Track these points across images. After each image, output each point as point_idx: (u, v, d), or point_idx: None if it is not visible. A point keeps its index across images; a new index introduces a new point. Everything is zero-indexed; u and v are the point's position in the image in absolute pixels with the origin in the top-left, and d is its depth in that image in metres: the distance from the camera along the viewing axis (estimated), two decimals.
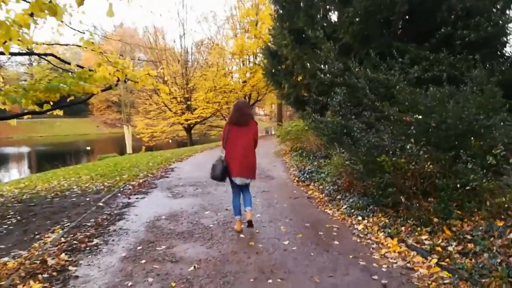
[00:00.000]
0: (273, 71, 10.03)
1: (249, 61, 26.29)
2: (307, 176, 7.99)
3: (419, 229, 4.20)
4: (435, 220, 4.18)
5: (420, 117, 4.81)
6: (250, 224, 4.76)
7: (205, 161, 11.85)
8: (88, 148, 33.89)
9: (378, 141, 5.20)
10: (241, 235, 4.57)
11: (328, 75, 7.49)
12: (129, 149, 18.02)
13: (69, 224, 5.08)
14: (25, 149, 37.31)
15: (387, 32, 7.56)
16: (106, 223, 5.12)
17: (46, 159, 24.76)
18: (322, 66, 7.96)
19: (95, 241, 4.36)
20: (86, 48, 5.82)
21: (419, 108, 4.92)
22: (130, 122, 19.82)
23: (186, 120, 23.75)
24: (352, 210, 5.34)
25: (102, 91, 6.55)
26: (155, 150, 23.58)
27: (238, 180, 4.73)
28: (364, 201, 5.43)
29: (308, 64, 8.35)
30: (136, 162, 11.61)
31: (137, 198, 6.57)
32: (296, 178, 8.27)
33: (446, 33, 6.33)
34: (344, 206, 5.57)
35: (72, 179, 8.85)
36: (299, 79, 9.50)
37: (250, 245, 4.21)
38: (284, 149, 15.15)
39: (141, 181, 8.24)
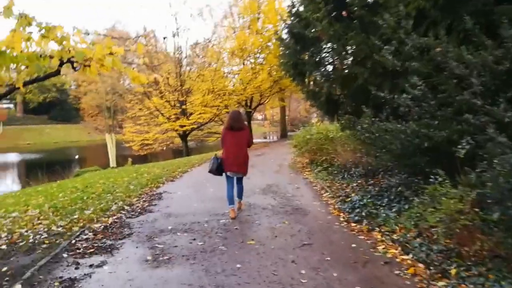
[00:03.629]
0: (297, 59, 7.34)
1: (250, 61, 23.65)
2: (361, 212, 5.29)
3: None
4: None
5: None
6: (238, 208, 5.88)
7: (205, 180, 9.10)
8: (77, 156, 31.13)
9: None
10: None
11: (391, 57, 4.83)
12: (112, 162, 15.25)
13: None
14: (10, 157, 34.35)
15: None
16: None
17: (29, 168, 21.97)
18: (378, 44, 5.29)
19: None
20: None
21: None
22: (113, 130, 16.96)
23: (181, 126, 20.98)
24: None
25: (30, 82, 3.84)
26: (146, 162, 20.83)
27: (231, 174, 5.78)
28: None
29: (353, 45, 5.68)
30: (114, 183, 8.85)
31: (91, 267, 3.80)
32: (341, 214, 5.57)
33: None
34: None
35: (13, 215, 6.08)
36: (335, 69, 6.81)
37: None
38: (301, 161, 12.44)
39: (110, 221, 5.49)
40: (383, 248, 4.07)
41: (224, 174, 5.81)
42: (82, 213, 5.79)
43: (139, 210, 6.18)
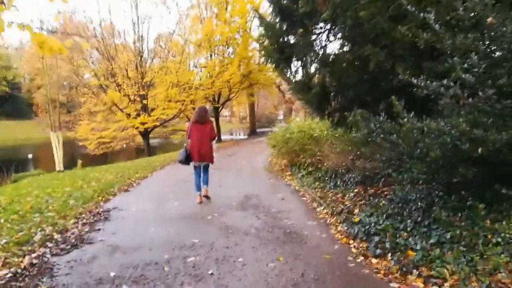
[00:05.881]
0: (283, 41, 5.84)
1: (218, 54, 21.90)
2: (382, 242, 3.89)
3: None
4: None
5: None
6: (206, 197, 6.32)
7: (168, 189, 7.46)
8: (30, 156, 28.10)
9: None
10: None
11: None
12: (58, 165, 13.05)
13: None
14: None
15: None
16: None
17: None
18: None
19: None
20: None
21: None
22: (60, 128, 14.69)
23: (142, 123, 18.93)
24: None
25: None
26: (106, 162, 18.60)
27: (197, 163, 6.31)
28: None
29: (365, 18, 4.25)
30: (50, 195, 6.96)
31: None
32: (352, 242, 4.15)
33: None
34: None
35: None
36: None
37: None
38: (278, 162, 11.00)
39: (25, 262, 3.73)
40: None
41: (191, 163, 6.33)
42: None
43: (73, 240, 4.44)
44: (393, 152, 4.30)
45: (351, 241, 4.20)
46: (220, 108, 25.34)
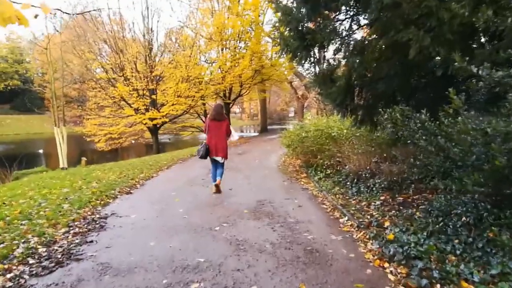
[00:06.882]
0: (302, 28, 5.11)
1: (229, 48, 21.15)
2: (427, 270, 3.17)
3: None
4: None
5: None
6: (218, 188, 6.66)
7: (174, 192, 6.84)
8: (41, 150, 27.83)
9: None
10: None
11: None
12: (62, 162, 12.53)
13: None
14: None
15: None
16: None
17: None
18: None
19: None
20: None
21: None
22: (64, 122, 14.11)
23: (151, 119, 18.37)
24: None
25: None
26: (117, 158, 18.09)
27: (214, 158, 6.67)
28: None
29: None
30: (45, 196, 6.38)
31: None
32: (388, 266, 3.43)
33: None
34: None
35: None
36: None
37: None
38: (292, 162, 10.31)
39: None
40: None
41: (209, 158, 6.73)
42: None
43: (59, 255, 3.82)
44: (438, 157, 3.57)
45: (386, 264, 3.49)
46: (231, 104, 24.67)
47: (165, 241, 4.21)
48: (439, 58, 3.84)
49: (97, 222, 5.00)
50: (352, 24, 4.80)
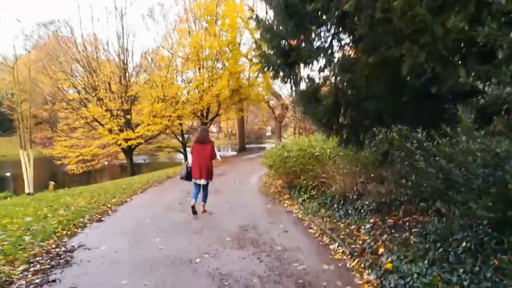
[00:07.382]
0: (284, 45, 4.90)
1: (206, 68, 20.86)
2: None
3: None
4: None
5: None
6: (202, 211, 6.65)
7: (149, 220, 6.25)
8: (8, 174, 26.28)
9: None
10: None
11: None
12: (28, 187, 11.70)
13: None
14: None
15: None
16: None
17: None
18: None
19: None
20: None
21: None
22: (31, 145, 13.30)
23: (126, 140, 17.71)
24: None
25: None
26: (89, 181, 17.15)
27: (197, 180, 6.65)
28: None
29: (397, 9, 3.35)
30: (3, 228, 5.72)
31: None
32: None
33: None
34: None
35: None
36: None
37: None
38: (273, 183, 9.98)
39: None
40: None
41: (192, 180, 6.71)
42: None
43: None
44: (439, 180, 3.33)
45: None
46: (209, 124, 24.32)
47: (139, 279, 3.73)
48: (431, 73, 3.66)
49: (62, 257, 4.45)
50: (340, 40, 4.62)
